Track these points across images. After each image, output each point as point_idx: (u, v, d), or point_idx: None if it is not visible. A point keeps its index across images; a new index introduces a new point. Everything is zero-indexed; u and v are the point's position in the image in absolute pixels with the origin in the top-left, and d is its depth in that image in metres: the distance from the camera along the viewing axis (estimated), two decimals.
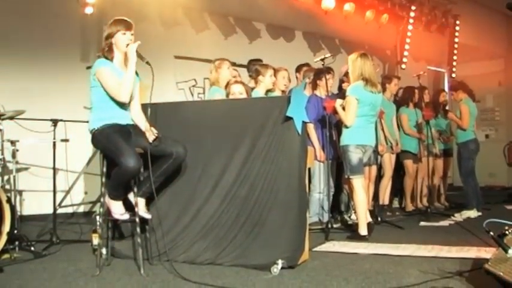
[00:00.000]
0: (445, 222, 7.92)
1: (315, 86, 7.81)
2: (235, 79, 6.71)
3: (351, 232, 6.76)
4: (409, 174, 9.29)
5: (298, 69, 8.55)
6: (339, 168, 7.70)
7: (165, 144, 5.02)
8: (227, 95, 6.33)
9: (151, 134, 4.99)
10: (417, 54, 13.52)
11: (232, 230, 5.15)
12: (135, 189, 5.02)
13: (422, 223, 7.89)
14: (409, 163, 9.25)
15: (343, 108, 6.53)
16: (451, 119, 9.12)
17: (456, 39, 13.64)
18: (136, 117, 5.15)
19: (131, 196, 5.07)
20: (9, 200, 5.39)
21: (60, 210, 7.18)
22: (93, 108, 4.98)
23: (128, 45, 4.88)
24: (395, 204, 9.85)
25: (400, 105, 9.32)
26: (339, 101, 6.60)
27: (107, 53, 4.93)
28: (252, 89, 6.97)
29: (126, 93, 4.83)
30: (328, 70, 7.40)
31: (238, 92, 6.19)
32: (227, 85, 6.79)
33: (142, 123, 5.13)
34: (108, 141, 4.79)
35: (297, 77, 8.51)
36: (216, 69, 6.79)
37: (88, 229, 6.42)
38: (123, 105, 5.00)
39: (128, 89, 4.83)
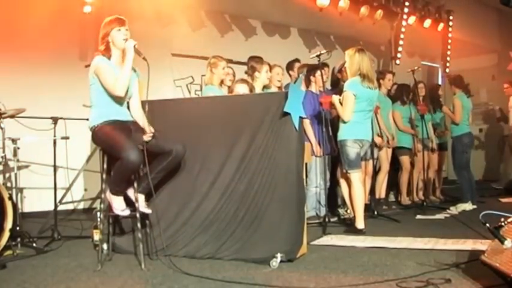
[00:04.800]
0: (440, 216, 7.98)
1: (308, 82, 7.86)
2: (241, 79, 6.76)
3: (348, 226, 6.83)
4: (406, 170, 9.36)
5: (290, 66, 8.55)
6: (333, 163, 7.77)
7: (164, 142, 5.07)
8: (230, 92, 6.38)
9: (147, 135, 5.04)
10: (411, 50, 13.58)
11: (232, 225, 5.20)
12: (135, 185, 5.08)
13: (418, 216, 7.96)
14: (405, 159, 9.34)
15: (341, 104, 6.59)
16: (445, 113, 9.19)
17: (450, 35, 13.71)
18: (135, 114, 5.20)
19: (131, 192, 5.12)
20: (10, 197, 5.42)
21: (61, 207, 7.21)
22: (93, 106, 5.03)
23: (126, 40, 4.94)
24: (391, 198, 9.93)
25: (393, 102, 9.39)
26: (336, 97, 6.65)
27: (105, 52, 4.98)
28: None
29: (122, 87, 4.87)
30: (323, 66, 7.43)
31: (242, 92, 6.26)
32: (221, 83, 6.87)
33: (141, 121, 5.18)
34: (109, 137, 4.83)
35: (290, 75, 8.54)
36: (210, 69, 6.83)
37: (89, 225, 6.45)
38: (122, 102, 5.06)
39: (124, 83, 4.88)
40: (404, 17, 12.23)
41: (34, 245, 5.73)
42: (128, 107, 5.20)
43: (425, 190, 9.76)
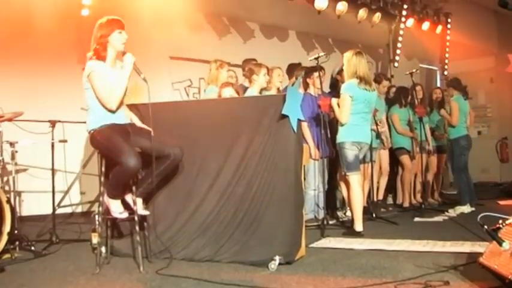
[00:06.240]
0: (439, 218, 7.99)
1: (306, 84, 7.87)
2: (225, 82, 6.80)
3: (346, 228, 6.83)
4: (407, 169, 9.35)
5: (290, 69, 8.57)
6: (332, 165, 7.78)
7: (162, 146, 5.06)
8: (218, 96, 6.42)
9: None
10: (410, 52, 13.59)
11: (230, 227, 5.20)
12: (133, 189, 5.08)
13: (416, 219, 7.97)
14: (405, 158, 9.33)
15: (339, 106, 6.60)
16: (442, 116, 9.19)
17: (448, 37, 13.73)
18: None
19: (129, 197, 5.13)
20: (9, 201, 5.42)
21: (59, 210, 7.17)
22: (90, 109, 5.00)
23: (124, 53, 4.95)
24: (389, 200, 9.94)
25: (392, 104, 9.40)
26: (335, 100, 6.66)
27: (102, 52, 4.96)
28: (247, 88, 7.06)
29: (116, 102, 4.89)
30: (319, 69, 7.42)
31: (229, 95, 6.30)
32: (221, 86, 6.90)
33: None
34: (108, 141, 4.83)
35: (290, 77, 8.56)
36: (216, 68, 6.86)
37: (87, 228, 6.44)
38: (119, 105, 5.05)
39: (119, 98, 4.89)
40: (403, 19, 12.23)
41: (32, 248, 5.73)
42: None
43: (424, 192, 9.75)
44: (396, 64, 12.58)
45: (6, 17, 7.68)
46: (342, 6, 10.23)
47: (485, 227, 4.00)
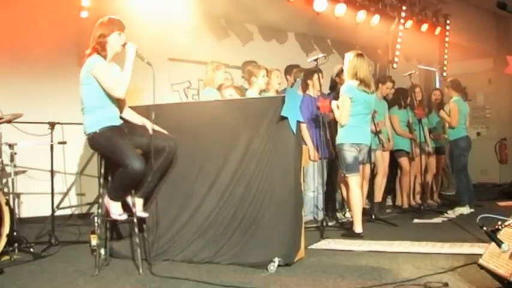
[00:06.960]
0: (438, 219, 8.00)
1: (305, 86, 7.88)
2: (226, 84, 6.82)
3: (346, 230, 6.83)
4: (405, 171, 9.36)
5: (288, 70, 8.60)
6: (331, 167, 7.78)
7: (156, 140, 5.04)
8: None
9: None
10: (408, 54, 13.58)
11: (229, 229, 5.20)
12: (133, 190, 5.08)
13: (415, 220, 7.97)
14: (404, 160, 9.33)
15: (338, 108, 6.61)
16: (442, 117, 9.19)
17: (447, 39, 13.72)
18: (128, 114, 5.22)
19: (129, 197, 5.12)
20: (8, 203, 5.40)
21: (58, 212, 7.14)
22: (87, 110, 4.98)
23: (125, 44, 4.94)
24: (389, 202, 9.94)
25: (391, 106, 9.40)
26: (334, 103, 6.66)
27: (101, 51, 4.97)
28: (246, 90, 7.06)
29: (123, 89, 4.87)
30: (318, 70, 7.41)
31: (228, 95, 6.33)
32: (220, 87, 6.91)
33: (138, 118, 5.21)
34: (111, 144, 4.84)
35: (287, 79, 8.56)
36: (213, 70, 6.87)
37: (86, 230, 6.44)
38: (115, 105, 5.04)
39: (126, 84, 4.87)
40: (402, 21, 12.21)
41: (31, 250, 5.72)
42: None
43: (423, 194, 9.75)
44: (395, 65, 12.57)
45: (5, 19, 7.67)
46: (340, 9, 10.21)
47: (485, 228, 3.99)
